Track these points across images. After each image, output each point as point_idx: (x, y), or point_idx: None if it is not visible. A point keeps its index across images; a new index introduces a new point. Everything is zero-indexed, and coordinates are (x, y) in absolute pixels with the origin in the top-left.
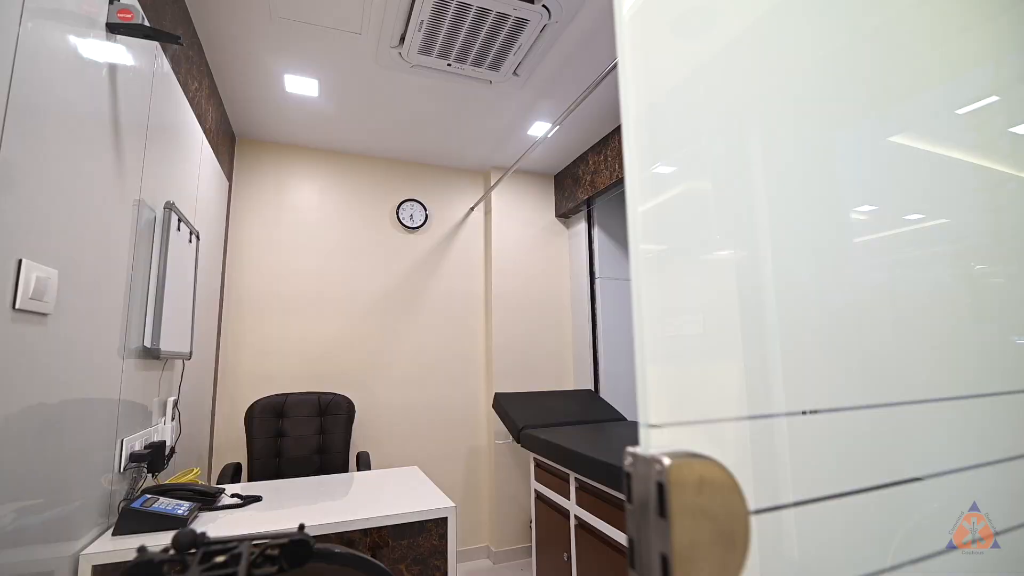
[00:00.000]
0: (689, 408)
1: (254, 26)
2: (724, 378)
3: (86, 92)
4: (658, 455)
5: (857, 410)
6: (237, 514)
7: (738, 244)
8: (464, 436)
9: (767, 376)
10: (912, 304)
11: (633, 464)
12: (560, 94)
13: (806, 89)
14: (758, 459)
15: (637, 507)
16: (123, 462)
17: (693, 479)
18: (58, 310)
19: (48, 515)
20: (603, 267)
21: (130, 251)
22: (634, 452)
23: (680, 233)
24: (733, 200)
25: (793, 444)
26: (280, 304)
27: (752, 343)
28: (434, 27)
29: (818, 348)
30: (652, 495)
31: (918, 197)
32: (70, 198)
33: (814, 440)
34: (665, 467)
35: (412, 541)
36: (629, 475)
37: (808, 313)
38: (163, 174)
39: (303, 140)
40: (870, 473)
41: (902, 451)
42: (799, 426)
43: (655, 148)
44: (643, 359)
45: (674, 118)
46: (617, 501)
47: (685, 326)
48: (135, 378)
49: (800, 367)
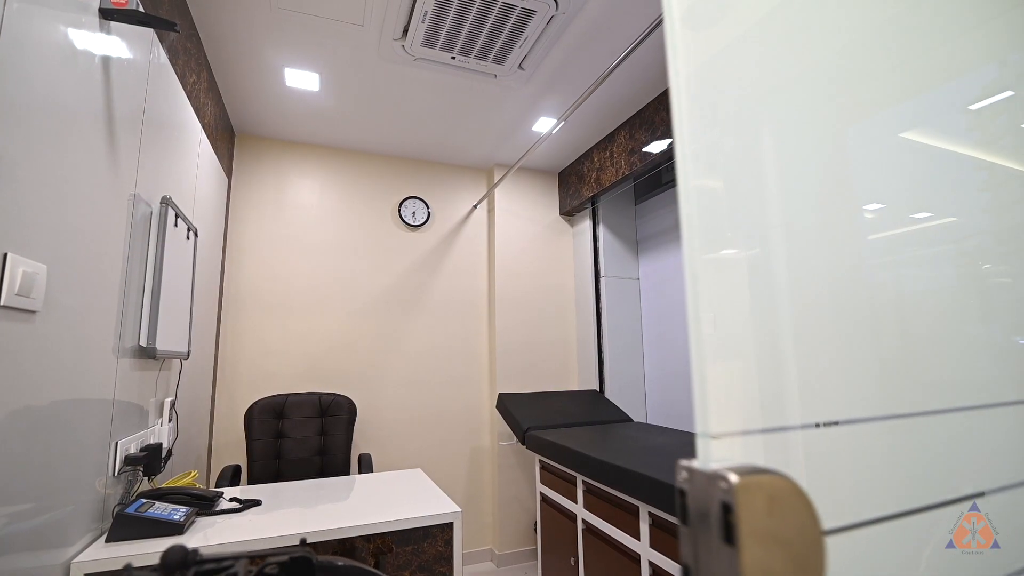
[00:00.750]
0: (749, 416)
1: (254, 17)
2: (782, 382)
3: (78, 80)
4: (722, 471)
5: (936, 414)
6: (235, 519)
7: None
8: (467, 437)
9: (838, 379)
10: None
11: (689, 480)
12: (566, 89)
13: (820, 82)
14: (822, 471)
15: (695, 530)
16: (117, 465)
17: (763, 498)
18: (47, 307)
19: (38, 521)
20: (608, 266)
21: (125, 247)
22: (690, 466)
23: (734, 222)
24: (747, 196)
25: (856, 455)
26: (280, 303)
27: (817, 344)
28: (438, 19)
29: (900, 350)
30: (715, 517)
31: (932, 194)
32: (60, 191)
33: (871, 452)
34: (732, 485)
35: (417, 547)
36: (684, 493)
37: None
38: (160, 169)
39: (304, 136)
40: (940, 487)
41: (969, 462)
42: (858, 436)
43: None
44: (702, 359)
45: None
46: (627, 505)
47: (743, 323)
48: (130, 378)
49: (878, 368)
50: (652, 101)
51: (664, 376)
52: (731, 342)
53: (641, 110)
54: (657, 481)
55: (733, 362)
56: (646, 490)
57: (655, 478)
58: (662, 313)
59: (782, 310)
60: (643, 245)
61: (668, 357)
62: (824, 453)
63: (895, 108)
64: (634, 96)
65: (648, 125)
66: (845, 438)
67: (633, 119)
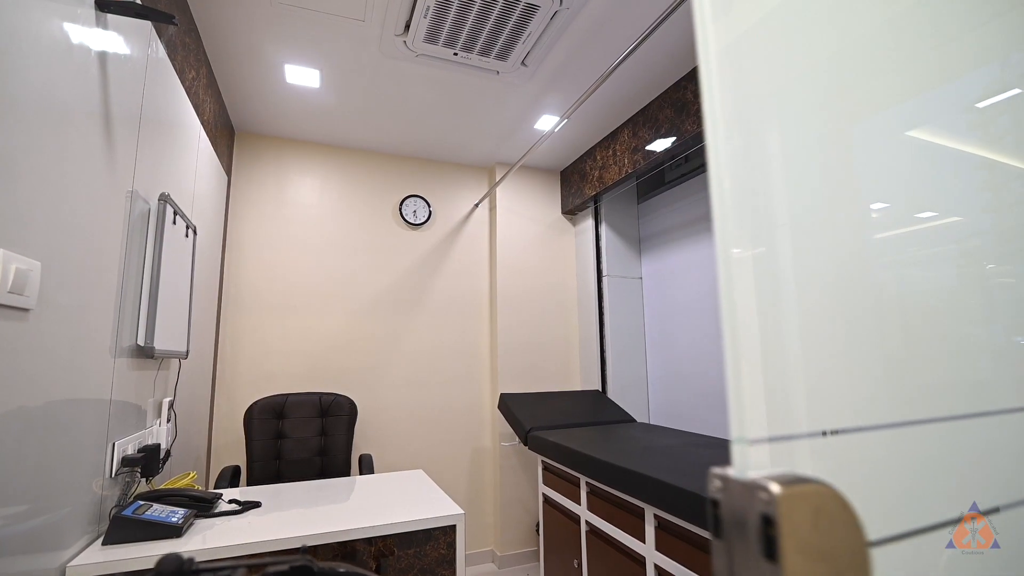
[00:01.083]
0: (788, 420)
1: (254, 12)
2: (819, 385)
3: (74, 74)
4: (762, 480)
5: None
6: (235, 521)
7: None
8: (468, 437)
9: (891, 380)
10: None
11: (724, 490)
12: (569, 86)
13: (827, 80)
14: (863, 479)
15: (730, 544)
16: (114, 466)
17: (808, 510)
18: (41, 305)
19: (33, 524)
20: (611, 265)
21: (122, 244)
22: (725, 475)
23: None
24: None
25: (889, 460)
26: (280, 302)
27: (860, 341)
28: (440, 14)
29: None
30: (755, 531)
31: (936, 193)
32: (55, 186)
33: (902, 456)
34: (774, 496)
35: (419, 550)
36: (717, 503)
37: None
38: (158, 165)
39: (304, 134)
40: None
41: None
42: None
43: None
44: (736, 357)
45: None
46: (632, 507)
47: (779, 318)
48: (127, 378)
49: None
50: (656, 98)
51: (667, 376)
52: (764, 341)
53: (644, 107)
54: (663, 483)
55: (769, 363)
56: (651, 492)
57: (661, 480)
58: (665, 313)
59: (812, 306)
60: (646, 244)
61: (671, 357)
62: (863, 460)
63: (898, 107)
64: (637, 93)
65: (652, 123)
66: (888, 443)
67: (636, 117)
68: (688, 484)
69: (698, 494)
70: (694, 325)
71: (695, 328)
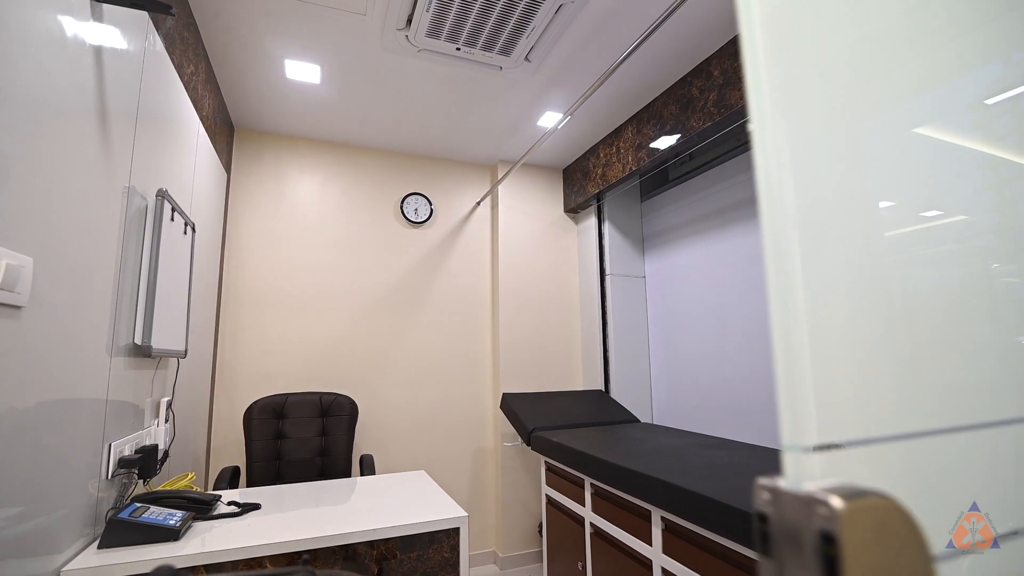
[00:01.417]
0: (837, 425)
1: (253, 6)
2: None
3: (68, 67)
4: (821, 493)
5: None
6: (234, 524)
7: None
8: (470, 437)
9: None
10: None
11: (774, 503)
12: (573, 82)
13: (833, 77)
14: (925, 488)
15: (782, 563)
16: (111, 468)
17: (871, 526)
18: (34, 302)
19: (26, 527)
20: (614, 263)
21: (119, 241)
22: (775, 486)
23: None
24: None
25: (938, 468)
26: (280, 301)
27: (913, 343)
28: (444, 8)
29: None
30: (813, 550)
31: (942, 191)
32: (47, 181)
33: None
34: (836, 512)
35: (421, 554)
36: (765, 518)
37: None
38: (156, 161)
39: (304, 131)
40: None
41: None
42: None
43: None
44: (789, 356)
45: None
46: (638, 509)
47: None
48: (124, 377)
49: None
50: (660, 95)
51: (671, 376)
52: (813, 341)
53: (649, 104)
54: (671, 485)
55: (819, 364)
56: (659, 494)
57: (668, 481)
58: (668, 312)
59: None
60: (649, 243)
61: (674, 357)
62: (915, 468)
63: (907, 104)
64: (642, 90)
65: (656, 119)
66: (937, 450)
67: (640, 113)
68: (697, 486)
69: (709, 497)
70: (698, 324)
71: (699, 327)
